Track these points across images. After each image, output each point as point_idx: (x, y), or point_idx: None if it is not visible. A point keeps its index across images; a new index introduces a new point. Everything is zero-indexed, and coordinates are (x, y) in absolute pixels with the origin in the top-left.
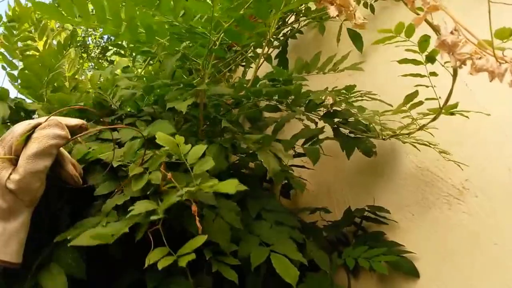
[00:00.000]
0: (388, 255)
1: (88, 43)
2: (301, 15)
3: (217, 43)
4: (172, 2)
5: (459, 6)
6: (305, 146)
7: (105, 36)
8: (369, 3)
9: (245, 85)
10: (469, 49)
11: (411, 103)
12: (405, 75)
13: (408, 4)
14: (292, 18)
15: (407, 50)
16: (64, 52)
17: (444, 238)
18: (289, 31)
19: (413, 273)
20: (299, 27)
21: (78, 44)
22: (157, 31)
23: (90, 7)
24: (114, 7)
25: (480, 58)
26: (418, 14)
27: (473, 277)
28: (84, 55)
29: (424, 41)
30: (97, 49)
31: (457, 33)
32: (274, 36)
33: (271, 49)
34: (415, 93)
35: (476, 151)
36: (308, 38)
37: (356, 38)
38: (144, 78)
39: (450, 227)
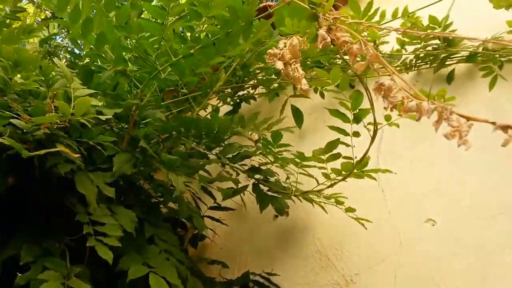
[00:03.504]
0: None
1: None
2: (258, 82)
3: (163, 74)
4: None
5: None
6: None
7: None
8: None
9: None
10: (402, 95)
11: (329, 154)
12: (332, 128)
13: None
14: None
15: (340, 104)
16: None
17: None
18: (244, 95)
19: None
20: (254, 92)
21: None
22: (110, 41)
23: None
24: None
25: (411, 101)
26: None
27: None
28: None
29: (355, 98)
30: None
31: (393, 81)
32: (228, 91)
33: (221, 103)
34: (336, 141)
35: (368, 250)
36: (264, 105)
37: (297, 115)
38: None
39: None
